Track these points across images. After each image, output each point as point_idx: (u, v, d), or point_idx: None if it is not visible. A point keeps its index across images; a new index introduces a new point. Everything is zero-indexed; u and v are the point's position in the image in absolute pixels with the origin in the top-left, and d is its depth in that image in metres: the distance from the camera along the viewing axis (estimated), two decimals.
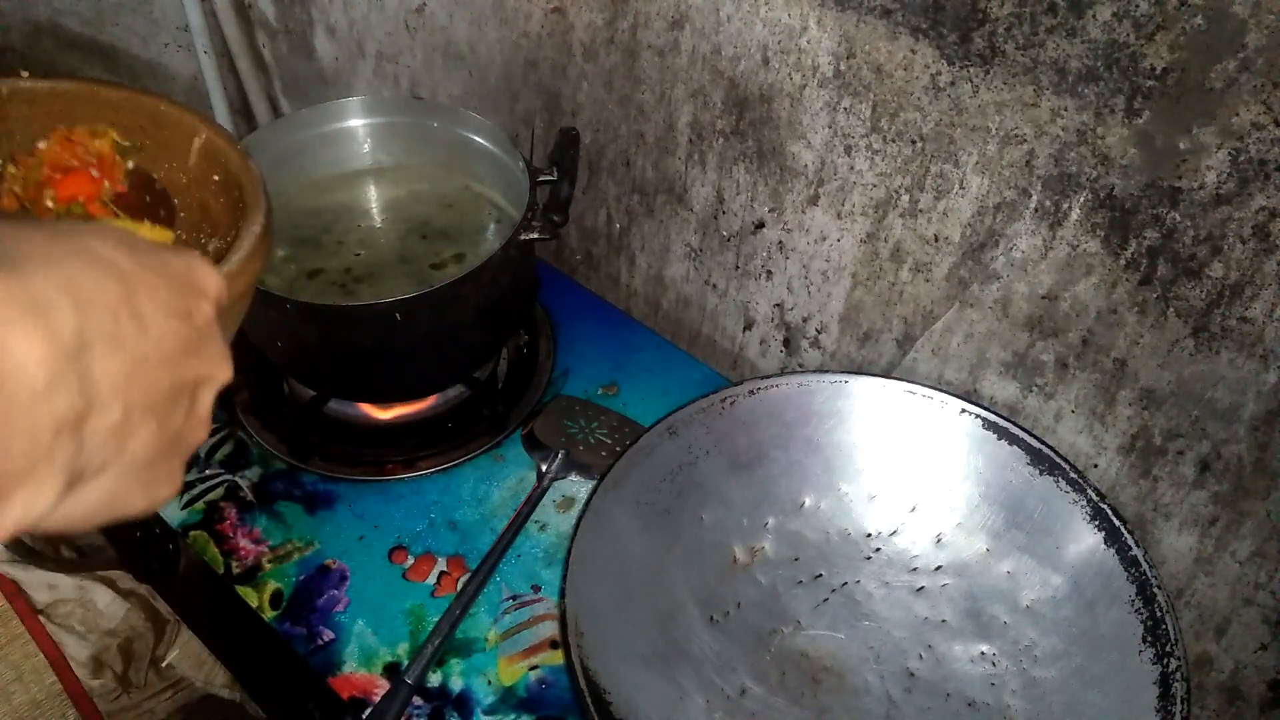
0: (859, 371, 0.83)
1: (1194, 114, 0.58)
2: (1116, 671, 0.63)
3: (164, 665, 0.99)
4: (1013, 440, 0.72)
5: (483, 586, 0.73)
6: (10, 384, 0.24)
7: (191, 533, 0.78)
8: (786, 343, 0.92)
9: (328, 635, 0.72)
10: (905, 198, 0.75)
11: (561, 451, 0.81)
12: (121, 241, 0.30)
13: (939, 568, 0.72)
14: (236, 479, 0.82)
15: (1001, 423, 0.72)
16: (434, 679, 0.70)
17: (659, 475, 0.72)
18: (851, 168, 0.76)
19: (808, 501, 0.76)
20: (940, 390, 0.74)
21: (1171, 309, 0.65)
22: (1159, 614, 0.63)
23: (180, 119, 0.51)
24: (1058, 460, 0.70)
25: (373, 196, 0.92)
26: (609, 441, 0.82)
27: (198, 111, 0.52)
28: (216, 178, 0.51)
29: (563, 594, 0.63)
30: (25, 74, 0.48)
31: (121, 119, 0.51)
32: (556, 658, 0.71)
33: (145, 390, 0.30)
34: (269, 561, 0.76)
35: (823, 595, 0.72)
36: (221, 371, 0.35)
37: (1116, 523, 0.67)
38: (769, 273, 0.89)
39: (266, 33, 1.25)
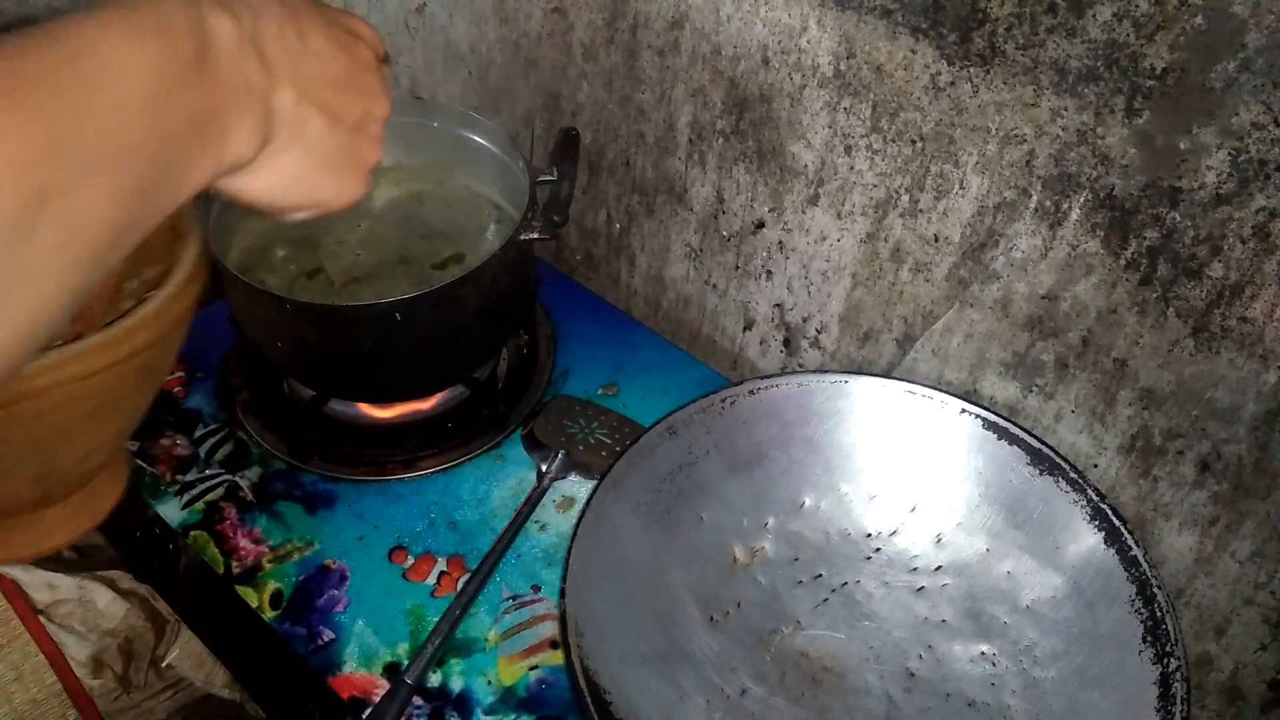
0: (859, 371, 0.83)
1: (1194, 114, 0.58)
2: (1116, 671, 0.63)
3: (164, 665, 0.99)
4: (1013, 440, 0.72)
5: (483, 586, 0.73)
6: (216, 40, 0.34)
7: (191, 533, 0.78)
8: (786, 343, 0.92)
9: (328, 635, 0.72)
10: (905, 198, 0.75)
11: (561, 451, 0.81)
12: None
13: (939, 568, 0.72)
14: (236, 479, 0.82)
15: (1001, 423, 0.72)
16: (434, 679, 0.70)
17: (659, 475, 0.72)
18: (851, 168, 0.76)
19: (808, 501, 0.76)
20: (940, 390, 0.74)
21: (1171, 309, 0.65)
22: (1159, 614, 0.63)
23: None
24: (1058, 460, 0.70)
25: (373, 196, 0.92)
26: (609, 441, 0.82)
27: None
28: None
29: (563, 594, 0.63)
30: None
31: None
32: (556, 658, 0.71)
33: (312, 90, 0.39)
34: (269, 561, 0.76)
35: (823, 595, 0.71)
36: (382, 104, 0.44)
37: (1116, 523, 0.67)
38: (769, 273, 0.89)
39: None
